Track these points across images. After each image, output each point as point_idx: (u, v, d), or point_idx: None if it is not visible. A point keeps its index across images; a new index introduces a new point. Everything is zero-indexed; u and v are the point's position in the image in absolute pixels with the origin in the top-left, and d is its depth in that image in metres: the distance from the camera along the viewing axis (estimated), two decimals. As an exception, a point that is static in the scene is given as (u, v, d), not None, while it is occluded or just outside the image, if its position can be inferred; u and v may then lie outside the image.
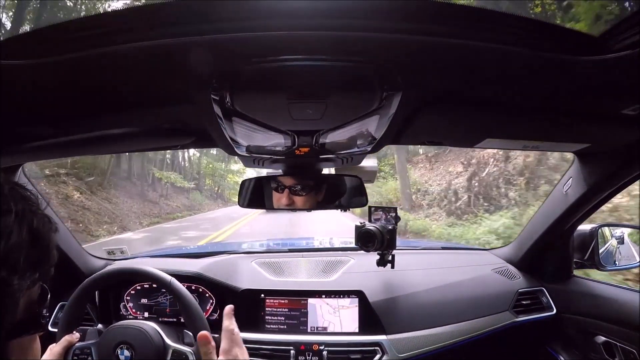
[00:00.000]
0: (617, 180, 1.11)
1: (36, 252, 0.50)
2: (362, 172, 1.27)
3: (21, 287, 0.48)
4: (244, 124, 0.83)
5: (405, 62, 0.62)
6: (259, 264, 1.59)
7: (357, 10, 0.52)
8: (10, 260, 0.46)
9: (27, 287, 0.50)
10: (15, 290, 0.47)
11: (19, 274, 0.47)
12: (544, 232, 1.43)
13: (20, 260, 0.47)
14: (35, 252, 0.50)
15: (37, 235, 0.50)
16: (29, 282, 0.50)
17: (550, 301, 1.49)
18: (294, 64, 0.62)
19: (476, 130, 0.96)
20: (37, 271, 0.51)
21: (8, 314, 0.48)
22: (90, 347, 1.10)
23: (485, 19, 0.56)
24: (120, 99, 0.74)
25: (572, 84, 0.69)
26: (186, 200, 24.08)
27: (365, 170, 1.31)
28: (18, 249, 0.47)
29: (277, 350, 1.32)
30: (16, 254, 0.47)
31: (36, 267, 0.50)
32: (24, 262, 0.48)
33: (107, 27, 0.56)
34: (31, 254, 0.49)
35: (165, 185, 21.87)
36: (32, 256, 0.49)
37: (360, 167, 1.29)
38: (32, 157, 1.12)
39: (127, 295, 1.48)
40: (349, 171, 1.27)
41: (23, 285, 0.48)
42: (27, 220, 0.49)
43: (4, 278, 0.45)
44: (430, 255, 1.81)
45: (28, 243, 0.49)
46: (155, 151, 1.89)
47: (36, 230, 0.50)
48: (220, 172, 32.89)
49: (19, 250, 0.47)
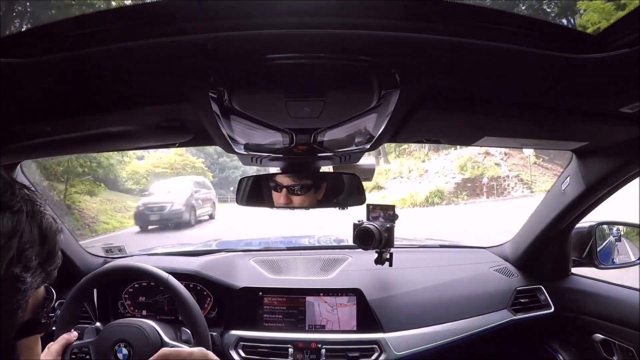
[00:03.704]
0: (616, 178, 1.11)
1: (44, 252, 0.50)
2: (360, 170, 1.27)
3: (32, 286, 0.49)
4: (242, 121, 0.83)
5: (403, 60, 0.62)
6: (257, 262, 1.59)
7: (354, 8, 0.52)
8: (23, 257, 0.47)
9: (37, 286, 0.51)
10: (27, 288, 0.48)
11: (31, 272, 0.48)
12: (542, 230, 1.43)
13: (32, 258, 0.48)
14: (44, 251, 0.50)
15: (46, 235, 0.51)
16: (38, 281, 0.50)
17: (549, 299, 1.49)
18: (292, 61, 0.62)
19: (474, 128, 0.96)
20: (45, 271, 0.51)
21: (20, 312, 0.48)
22: (89, 345, 1.10)
23: (483, 16, 0.56)
24: (118, 96, 0.74)
25: (571, 81, 0.69)
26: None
27: (363, 168, 1.31)
28: (30, 247, 0.48)
29: (275, 348, 1.32)
30: (28, 252, 0.47)
31: (45, 267, 0.51)
32: (35, 260, 0.48)
33: (104, 25, 0.56)
34: (41, 253, 0.49)
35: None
36: (42, 255, 0.50)
37: (358, 165, 1.29)
38: (31, 155, 1.12)
39: (125, 294, 1.48)
40: (347, 169, 1.27)
41: (34, 283, 0.49)
42: (36, 220, 0.50)
43: (18, 275, 0.46)
44: (428, 254, 1.82)
45: (38, 242, 0.49)
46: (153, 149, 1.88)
47: (45, 230, 0.51)
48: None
49: (31, 249, 0.48)
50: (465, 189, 15.89)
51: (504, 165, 16.79)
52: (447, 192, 15.73)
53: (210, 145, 1.08)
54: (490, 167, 16.67)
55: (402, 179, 18.64)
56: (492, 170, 16.48)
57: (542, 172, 16.53)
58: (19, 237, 0.46)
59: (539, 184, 15.45)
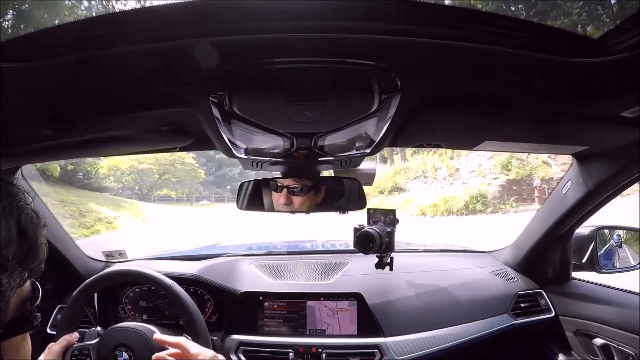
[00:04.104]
0: (616, 182, 1.11)
1: (24, 249, 0.49)
2: (360, 174, 1.27)
3: (10, 286, 0.47)
4: (243, 126, 0.83)
5: (403, 64, 0.62)
6: (258, 266, 1.58)
7: (354, 12, 0.52)
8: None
9: (17, 285, 0.49)
10: (4, 289, 0.46)
11: (8, 272, 0.46)
12: (543, 235, 1.43)
13: (9, 257, 0.46)
14: (23, 248, 0.49)
15: (24, 231, 0.49)
16: (19, 280, 0.49)
17: (549, 303, 1.49)
18: (292, 66, 0.62)
19: (475, 133, 0.96)
20: (27, 268, 0.50)
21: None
22: (89, 347, 1.10)
23: (484, 21, 0.56)
24: (119, 101, 0.74)
25: (571, 86, 0.69)
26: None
27: (364, 172, 1.31)
28: (6, 246, 0.46)
29: (275, 352, 1.32)
30: (4, 252, 0.46)
31: (25, 264, 0.49)
32: (12, 259, 0.47)
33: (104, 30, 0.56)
34: (19, 251, 0.48)
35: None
36: (21, 253, 0.48)
37: (358, 169, 1.29)
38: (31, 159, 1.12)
39: (125, 298, 1.48)
40: (347, 174, 1.27)
41: (12, 283, 0.47)
42: (14, 216, 0.48)
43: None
44: (428, 258, 1.81)
45: (16, 239, 0.47)
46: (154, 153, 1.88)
47: (24, 226, 0.49)
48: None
49: (6, 248, 0.46)
50: (511, 193, 12.75)
51: (554, 165, 13.37)
52: (490, 196, 12.59)
53: (211, 149, 1.08)
54: (538, 166, 13.42)
55: (426, 179, 15.75)
56: (542, 170, 13.21)
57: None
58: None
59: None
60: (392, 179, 17.24)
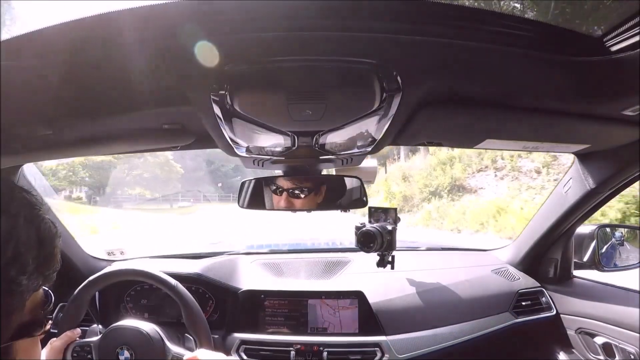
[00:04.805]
0: (617, 181, 1.11)
1: (42, 255, 0.51)
2: (362, 172, 1.27)
3: (29, 288, 0.50)
4: (244, 124, 0.83)
5: (404, 63, 0.62)
6: (259, 265, 1.59)
7: (355, 11, 0.52)
8: (19, 260, 0.48)
9: (34, 289, 0.52)
10: (23, 290, 0.49)
11: (27, 275, 0.48)
12: (544, 233, 1.43)
13: (29, 261, 0.49)
14: (41, 255, 0.51)
15: (43, 239, 0.51)
16: (35, 284, 0.51)
17: (551, 302, 1.49)
18: (293, 64, 0.62)
19: (476, 131, 0.96)
20: (42, 275, 0.52)
21: (15, 314, 0.49)
22: (91, 344, 1.10)
23: (485, 19, 0.56)
24: (120, 99, 0.74)
25: (573, 84, 0.69)
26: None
27: (366, 170, 1.31)
28: (27, 250, 0.49)
29: (277, 351, 1.32)
30: (25, 255, 0.48)
31: (41, 270, 0.51)
32: (32, 263, 0.49)
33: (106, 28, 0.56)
34: (38, 257, 0.50)
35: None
36: (39, 259, 0.50)
37: (360, 167, 1.29)
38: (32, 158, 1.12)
39: (127, 296, 1.48)
40: (349, 172, 1.27)
41: (30, 286, 0.50)
42: (34, 224, 0.51)
43: (14, 278, 0.47)
44: (430, 256, 1.81)
45: (36, 246, 0.50)
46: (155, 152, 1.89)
47: (43, 235, 0.51)
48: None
49: (27, 252, 0.49)
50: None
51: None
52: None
53: (212, 148, 1.08)
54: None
55: (498, 172, 10.83)
56: None
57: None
58: (15, 241, 0.47)
59: None
60: (442, 172, 12.41)
